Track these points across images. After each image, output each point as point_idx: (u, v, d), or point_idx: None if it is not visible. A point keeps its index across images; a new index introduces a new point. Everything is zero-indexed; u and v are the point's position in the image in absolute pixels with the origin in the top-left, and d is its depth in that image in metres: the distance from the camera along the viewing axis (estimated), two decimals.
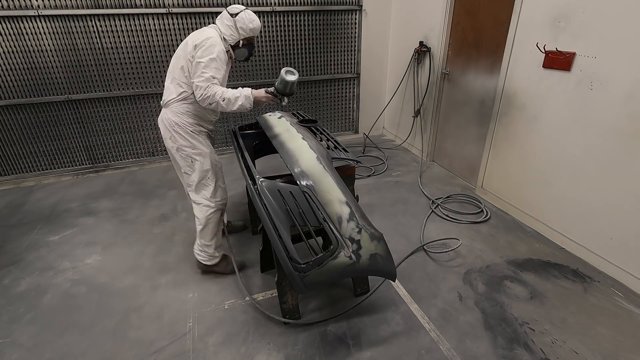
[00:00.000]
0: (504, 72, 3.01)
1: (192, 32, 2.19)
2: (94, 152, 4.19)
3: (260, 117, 2.68)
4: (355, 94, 4.92)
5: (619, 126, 2.27)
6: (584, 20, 2.36)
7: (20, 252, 2.77)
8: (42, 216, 3.26)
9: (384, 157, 4.38)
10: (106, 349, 1.98)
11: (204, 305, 2.25)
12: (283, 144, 2.18)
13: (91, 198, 3.56)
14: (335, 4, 4.32)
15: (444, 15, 3.63)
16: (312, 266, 1.65)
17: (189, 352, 1.95)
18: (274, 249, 1.76)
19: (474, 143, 3.58)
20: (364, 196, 3.46)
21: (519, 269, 2.52)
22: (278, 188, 1.83)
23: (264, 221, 1.74)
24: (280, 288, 2.03)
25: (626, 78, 2.19)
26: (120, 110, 4.08)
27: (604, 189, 2.41)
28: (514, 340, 1.98)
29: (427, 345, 1.96)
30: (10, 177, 3.98)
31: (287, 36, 4.31)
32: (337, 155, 2.15)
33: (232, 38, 2.19)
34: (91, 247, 2.83)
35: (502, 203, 3.26)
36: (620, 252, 2.38)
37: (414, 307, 2.22)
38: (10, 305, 2.28)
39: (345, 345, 1.96)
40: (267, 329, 2.07)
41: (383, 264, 1.84)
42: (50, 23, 3.54)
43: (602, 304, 2.22)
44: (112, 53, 3.80)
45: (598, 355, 1.89)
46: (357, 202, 1.98)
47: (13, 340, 2.03)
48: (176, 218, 3.20)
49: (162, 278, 2.49)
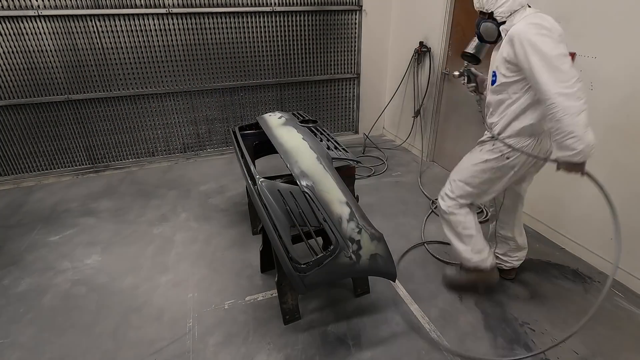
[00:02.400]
0: None
1: None
2: (94, 152, 4.19)
3: (260, 117, 2.68)
4: (355, 94, 4.92)
5: (619, 126, 2.27)
6: (584, 20, 2.36)
7: (20, 253, 2.77)
8: (42, 216, 3.26)
9: (384, 157, 4.38)
10: (106, 349, 1.98)
11: (204, 305, 2.25)
12: (283, 144, 2.18)
13: (91, 198, 3.56)
14: (335, 4, 4.32)
15: (444, 15, 3.63)
16: (312, 266, 1.65)
17: (189, 352, 1.95)
18: (274, 249, 1.76)
19: (474, 143, 3.56)
20: (364, 196, 3.46)
21: (519, 269, 2.52)
22: (278, 188, 1.83)
23: (264, 221, 1.74)
24: (280, 288, 2.03)
25: (626, 78, 2.19)
26: (120, 110, 4.08)
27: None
28: (514, 341, 1.98)
29: (427, 346, 1.96)
30: (10, 177, 3.98)
31: (287, 36, 4.31)
32: (337, 156, 2.15)
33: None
34: (91, 247, 2.83)
35: None
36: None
37: (414, 307, 2.21)
38: (10, 305, 2.28)
39: (345, 346, 1.96)
40: (267, 329, 2.07)
41: (383, 264, 1.84)
42: (50, 23, 3.54)
43: (602, 304, 2.21)
44: (112, 53, 3.80)
45: (598, 356, 1.89)
46: (357, 203, 1.98)
47: (13, 341, 2.03)
48: (176, 218, 3.20)
49: (162, 278, 2.49)
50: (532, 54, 1.58)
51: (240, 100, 4.47)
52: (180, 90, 4.17)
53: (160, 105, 4.20)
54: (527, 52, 1.60)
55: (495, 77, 1.83)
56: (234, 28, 4.08)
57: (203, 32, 3.99)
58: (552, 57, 1.55)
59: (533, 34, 1.59)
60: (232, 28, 4.07)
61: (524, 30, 1.61)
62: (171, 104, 4.23)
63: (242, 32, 4.12)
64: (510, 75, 1.75)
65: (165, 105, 4.21)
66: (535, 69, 1.58)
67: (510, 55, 1.69)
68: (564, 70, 1.54)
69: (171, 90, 4.13)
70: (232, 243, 2.84)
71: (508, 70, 1.75)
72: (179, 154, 4.50)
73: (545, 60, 1.56)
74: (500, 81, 1.80)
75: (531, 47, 1.58)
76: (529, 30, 1.60)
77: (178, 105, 4.26)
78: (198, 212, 3.28)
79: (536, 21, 1.62)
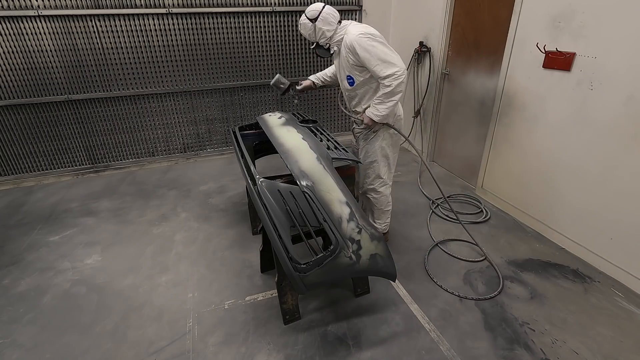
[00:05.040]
0: (504, 72, 3.00)
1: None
2: (94, 152, 4.19)
3: (260, 117, 2.68)
4: None
5: (619, 126, 2.27)
6: (584, 20, 2.36)
7: (20, 252, 2.77)
8: (42, 216, 3.26)
9: None
10: (106, 349, 1.98)
11: (203, 305, 2.25)
12: (283, 144, 2.18)
13: (91, 198, 3.56)
14: (335, 4, 4.32)
15: (444, 16, 3.63)
16: (312, 266, 1.65)
17: (188, 352, 1.95)
18: (274, 249, 1.76)
19: (474, 143, 3.57)
20: None
21: (519, 269, 2.52)
22: (278, 188, 1.83)
23: (264, 221, 1.74)
24: (280, 288, 2.03)
25: (626, 78, 2.19)
26: (120, 110, 4.08)
27: (604, 189, 2.41)
28: (514, 341, 1.98)
29: (427, 346, 1.96)
30: (10, 177, 3.98)
31: (287, 36, 4.31)
32: (337, 156, 2.14)
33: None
34: (91, 247, 2.83)
35: (502, 203, 3.26)
36: (620, 252, 2.38)
37: (414, 307, 2.21)
38: (10, 305, 2.28)
39: (345, 346, 1.96)
40: (267, 329, 2.07)
41: (383, 264, 1.84)
42: (50, 23, 3.54)
43: (602, 304, 2.22)
44: (112, 53, 3.80)
45: (598, 356, 1.89)
46: (357, 203, 1.98)
47: (13, 341, 2.03)
48: (176, 218, 3.20)
49: (161, 278, 2.49)
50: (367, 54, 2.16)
51: (240, 100, 4.47)
52: (180, 90, 4.17)
53: (160, 105, 4.20)
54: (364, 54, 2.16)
55: (352, 79, 2.36)
56: (234, 28, 4.08)
57: (203, 32, 4.00)
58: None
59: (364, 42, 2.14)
60: (232, 28, 4.07)
61: (356, 40, 2.16)
62: (171, 104, 4.23)
63: (242, 32, 4.12)
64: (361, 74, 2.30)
65: (165, 105, 4.21)
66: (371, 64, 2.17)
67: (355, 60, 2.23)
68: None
69: (171, 90, 4.13)
70: (232, 243, 2.84)
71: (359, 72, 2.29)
72: (179, 154, 4.50)
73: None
74: (359, 80, 2.33)
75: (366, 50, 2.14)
76: (360, 39, 2.15)
77: (178, 105, 4.26)
78: (198, 212, 3.28)
79: (361, 31, 2.17)
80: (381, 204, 2.61)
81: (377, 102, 2.25)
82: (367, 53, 2.12)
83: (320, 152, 2.07)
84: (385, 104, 2.22)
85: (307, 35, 2.32)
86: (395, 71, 2.10)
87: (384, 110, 2.23)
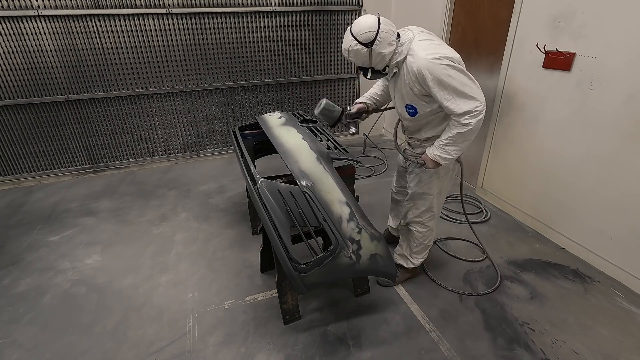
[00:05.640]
0: (504, 72, 3.00)
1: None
2: (94, 152, 4.19)
3: (260, 117, 2.68)
4: (355, 94, 4.91)
5: (619, 126, 2.27)
6: (584, 20, 2.36)
7: (20, 252, 2.77)
8: (42, 216, 3.26)
9: (384, 158, 4.38)
10: (106, 349, 1.98)
11: (203, 305, 2.25)
12: (283, 144, 2.18)
13: (91, 198, 3.56)
14: (335, 4, 4.32)
15: (444, 16, 3.63)
16: (312, 266, 1.65)
17: (188, 352, 1.95)
18: (274, 249, 1.76)
19: (474, 143, 3.53)
20: (364, 196, 3.46)
21: (519, 269, 2.52)
22: (278, 188, 1.83)
23: (264, 221, 1.74)
24: (280, 288, 2.03)
25: (626, 78, 2.19)
26: (120, 110, 4.08)
27: (604, 189, 2.41)
28: (514, 341, 1.98)
29: (427, 346, 1.96)
30: (10, 177, 3.98)
31: (287, 36, 4.31)
32: (337, 156, 2.14)
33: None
34: (91, 247, 2.83)
35: (502, 203, 3.26)
36: (620, 252, 2.38)
37: (414, 307, 2.21)
38: (10, 305, 2.28)
39: (345, 346, 1.96)
40: (267, 329, 2.07)
41: (383, 264, 1.84)
42: (50, 23, 3.54)
43: (602, 304, 2.22)
44: (112, 53, 3.80)
45: (598, 356, 1.89)
46: (357, 203, 1.98)
47: (13, 341, 2.03)
48: (176, 218, 3.20)
49: (161, 278, 2.49)
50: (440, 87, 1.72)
51: (240, 100, 4.47)
52: (180, 90, 4.17)
53: (160, 105, 4.20)
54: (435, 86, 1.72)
55: (414, 109, 1.90)
56: (234, 28, 4.08)
57: (203, 32, 4.00)
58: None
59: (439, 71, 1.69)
60: (232, 28, 4.07)
61: (428, 67, 1.70)
62: (171, 104, 4.23)
63: (242, 32, 4.12)
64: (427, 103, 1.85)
65: (165, 105, 4.22)
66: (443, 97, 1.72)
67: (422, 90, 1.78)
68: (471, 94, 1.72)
69: (171, 90, 4.14)
70: (232, 243, 2.84)
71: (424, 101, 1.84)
72: (179, 154, 4.50)
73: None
74: (424, 111, 1.88)
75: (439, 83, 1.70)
76: (433, 66, 1.69)
77: (178, 105, 4.26)
78: (198, 212, 3.28)
79: (434, 53, 1.73)
80: (425, 238, 2.26)
81: (447, 143, 1.78)
82: (441, 85, 1.68)
83: (320, 152, 2.07)
84: (457, 146, 1.77)
85: (361, 62, 1.78)
86: (475, 107, 1.67)
87: (454, 152, 1.79)
